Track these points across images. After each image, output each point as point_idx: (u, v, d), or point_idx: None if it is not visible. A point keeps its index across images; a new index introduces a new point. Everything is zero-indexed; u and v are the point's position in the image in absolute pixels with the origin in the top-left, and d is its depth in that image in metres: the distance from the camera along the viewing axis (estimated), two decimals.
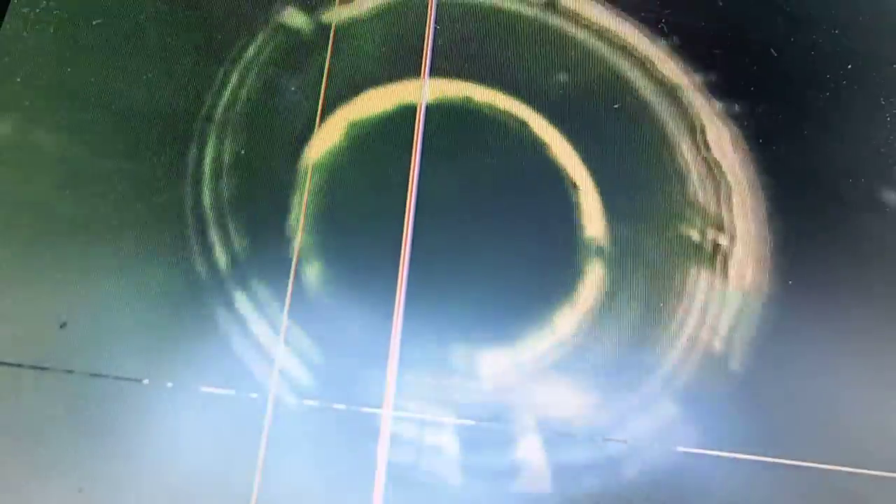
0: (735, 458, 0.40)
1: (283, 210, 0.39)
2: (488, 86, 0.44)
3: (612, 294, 0.43)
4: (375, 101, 0.42)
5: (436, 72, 0.44)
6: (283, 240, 0.38)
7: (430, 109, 0.42)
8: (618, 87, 0.50)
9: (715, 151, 0.49)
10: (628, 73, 0.50)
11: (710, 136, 0.50)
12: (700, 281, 0.45)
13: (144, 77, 0.40)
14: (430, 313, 0.38)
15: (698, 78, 0.51)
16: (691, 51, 0.52)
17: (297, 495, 0.34)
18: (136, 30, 0.41)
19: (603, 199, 0.45)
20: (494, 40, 0.46)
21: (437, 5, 0.46)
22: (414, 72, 0.43)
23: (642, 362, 0.41)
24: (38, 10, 0.41)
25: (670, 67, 0.52)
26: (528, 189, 0.43)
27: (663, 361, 0.42)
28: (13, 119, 0.38)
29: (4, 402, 0.34)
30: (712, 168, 0.49)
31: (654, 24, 0.53)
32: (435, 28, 0.45)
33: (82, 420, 0.34)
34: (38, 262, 0.36)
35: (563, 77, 0.48)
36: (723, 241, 0.47)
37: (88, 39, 0.41)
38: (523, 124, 0.44)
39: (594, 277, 0.43)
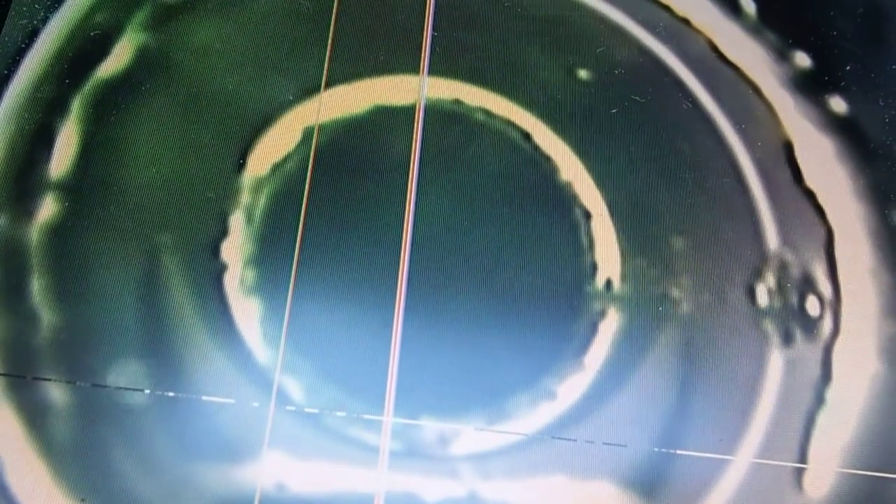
0: None
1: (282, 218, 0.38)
2: (484, 87, 0.42)
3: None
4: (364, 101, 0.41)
5: (434, 70, 0.42)
6: (284, 248, 0.38)
7: (428, 111, 0.41)
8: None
9: (808, 176, 0.36)
10: (670, 60, 0.38)
11: (802, 153, 0.37)
12: (777, 365, 0.33)
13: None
14: (430, 318, 0.37)
15: (784, 69, 0.37)
16: (776, 29, 0.37)
17: (299, 503, 0.34)
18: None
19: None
20: (497, 36, 0.44)
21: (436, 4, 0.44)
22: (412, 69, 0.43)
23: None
24: (35, 22, 0.41)
25: (743, 54, 0.37)
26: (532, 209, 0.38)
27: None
28: None
29: (6, 414, 0.34)
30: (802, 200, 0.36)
31: None
32: (433, 34, 0.44)
33: (84, 430, 0.34)
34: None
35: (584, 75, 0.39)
36: (814, 305, 0.35)
37: None
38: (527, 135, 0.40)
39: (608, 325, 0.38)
